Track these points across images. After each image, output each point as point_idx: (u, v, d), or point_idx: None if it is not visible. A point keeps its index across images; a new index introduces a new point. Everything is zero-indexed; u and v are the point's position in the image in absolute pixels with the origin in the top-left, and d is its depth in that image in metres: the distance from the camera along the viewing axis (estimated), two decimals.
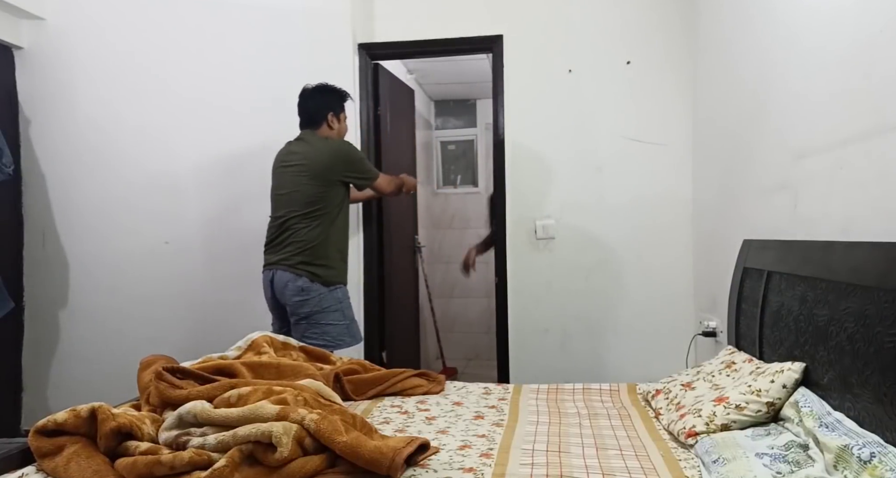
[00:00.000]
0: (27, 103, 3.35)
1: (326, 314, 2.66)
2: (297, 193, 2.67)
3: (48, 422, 1.48)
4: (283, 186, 2.74)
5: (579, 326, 3.26)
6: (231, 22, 3.26)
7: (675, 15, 3.15)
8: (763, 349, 2.01)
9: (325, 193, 2.67)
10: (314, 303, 2.64)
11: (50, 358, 3.37)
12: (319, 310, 2.65)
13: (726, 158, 2.69)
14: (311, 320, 2.66)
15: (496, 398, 2.21)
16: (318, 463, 1.41)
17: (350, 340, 2.74)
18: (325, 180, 2.67)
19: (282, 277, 2.66)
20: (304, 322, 2.66)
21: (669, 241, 3.19)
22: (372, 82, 3.44)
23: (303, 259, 2.64)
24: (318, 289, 2.65)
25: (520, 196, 3.28)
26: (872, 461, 1.14)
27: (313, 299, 2.64)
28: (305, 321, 2.66)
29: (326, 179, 2.67)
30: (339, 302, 2.72)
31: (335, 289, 2.71)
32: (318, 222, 2.66)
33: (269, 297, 2.75)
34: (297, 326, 2.69)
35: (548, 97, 3.25)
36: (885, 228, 1.47)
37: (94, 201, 3.34)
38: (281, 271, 2.66)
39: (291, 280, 2.64)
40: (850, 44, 1.65)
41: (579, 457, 1.58)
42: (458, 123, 5.73)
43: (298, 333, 2.66)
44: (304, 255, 2.64)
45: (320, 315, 2.66)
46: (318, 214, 2.66)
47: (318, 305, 2.65)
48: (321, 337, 2.63)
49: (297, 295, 2.64)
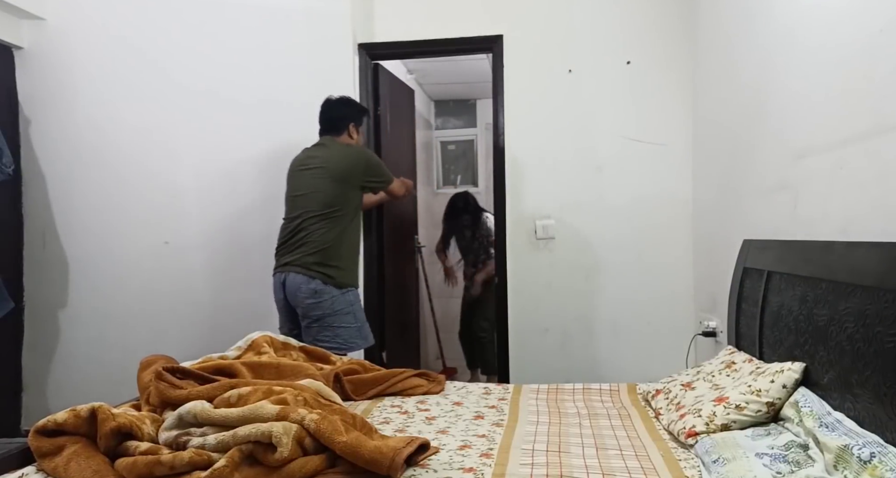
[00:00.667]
0: (27, 103, 3.35)
1: (339, 317, 2.67)
2: (315, 195, 2.70)
3: (48, 422, 1.48)
4: (301, 188, 2.76)
5: (579, 326, 3.26)
6: (231, 22, 3.26)
7: (675, 15, 3.15)
8: (763, 349, 2.01)
9: (344, 196, 2.71)
10: (327, 306, 2.65)
11: (50, 358, 3.37)
12: (332, 312, 2.65)
13: (726, 158, 2.69)
14: (323, 323, 2.66)
15: (496, 398, 2.21)
16: (318, 463, 1.41)
17: (362, 343, 2.75)
18: (344, 183, 2.72)
19: (294, 280, 2.66)
20: (317, 325, 2.66)
21: (669, 241, 3.19)
22: (372, 82, 3.44)
23: (316, 260, 2.65)
24: (330, 291, 2.65)
25: (520, 196, 3.28)
26: (872, 461, 1.14)
27: (326, 302, 2.65)
28: (318, 324, 2.66)
29: (346, 182, 2.72)
30: (351, 305, 2.72)
31: (347, 292, 2.72)
32: (335, 224, 2.68)
33: (281, 299, 2.75)
34: (308, 329, 2.69)
35: (548, 97, 3.25)
36: (885, 228, 1.47)
37: (94, 201, 3.34)
38: (294, 274, 2.66)
39: (305, 283, 2.64)
40: (850, 44, 1.65)
41: (579, 457, 1.58)
42: (458, 123, 5.73)
43: (310, 336, 2.66)
44: (318, 255, 2.65)
45: (332, 318, 2.66)
46: (336, 215, 2.69)
47: (331, 307, 2.65)
48: (333, 340, 2.64)
49: (311, 297, 2.64)
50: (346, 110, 2.86)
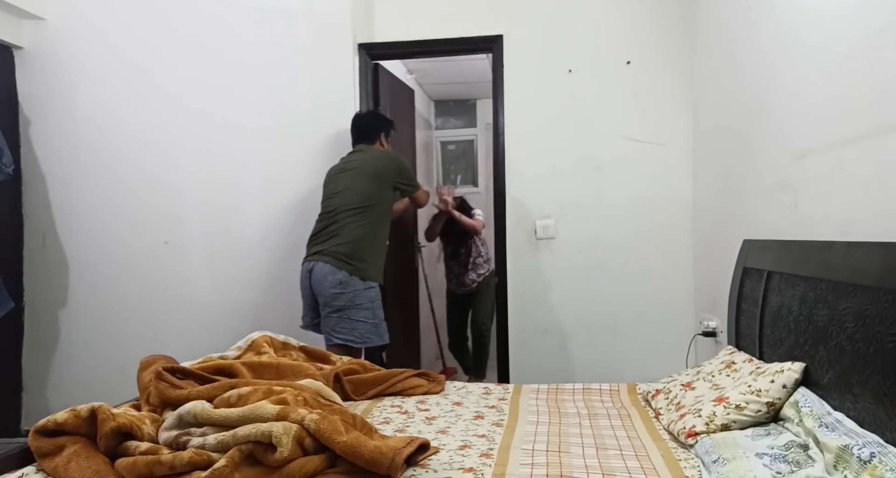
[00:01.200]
0: (27, 103, 3.35)
1: (358, 311, 2.70)
2: (352, 191, 2.78)
3: (48, 422, 1.48)
4: (338, 187, 2.84)
5: (579, 327, 3.26)
6: (231, 22, 3.26)
7: (675, 15, 3.15)
8: (763, 349, 2.01)
9: (379, 192, 2.81)
10: (349, 297, 2.68)
11: (50, 358, 3.37)
12: (352, 305, 2.69)
13: (726, 158, 2.69)
14: (342, 314, 2.69)
15: (496, 398, 2.21)
16: (318, 463, 1.41)
17: (377, 340, 2.77)
18: (380, 180, 2.82)
19: (321, 269, 2.70)
20: (336, 316, 2.69)
21: (669, 241, 3.19)
22: (372, 82, 3.44)
23: (346, 251, 2.70)
24: (354, 284, 2.69)
25: (520, 196, 3.29)
26: (872, 461, 1.14)
27: (348, 294, 2.68)
28: (337, 315, 2.69)
29: (381, 180, 2.83)
30: (372, 301, 2.75)
31: (370, 288, 2.75)
32: (368, 219, 2.75)
33: (307, 287, 2.79)
34: (327, 319, 2.72)
35: (548, 97, 3.25)
36: (885, 228, 1.47)
37: (94, 201, 3.34)
38: (322, 264, 2.71)
39: (331, 273, 2.68)
40: (850, 44, 1.65)
41: (579, 457, 1.58)
42: (458, 123, 5.73)
43: (328, 327, 2.71)
44: (348, 246, 2.70)
45: (352, 311, 2.69)
46: (370, 210, 2.76)
47: (352, 300, 2.69)
48: (350, 332, 2.67)
49: (335, 287, 2.68)
50: (377, 122, 3.06)
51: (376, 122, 3.06)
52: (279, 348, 2.29)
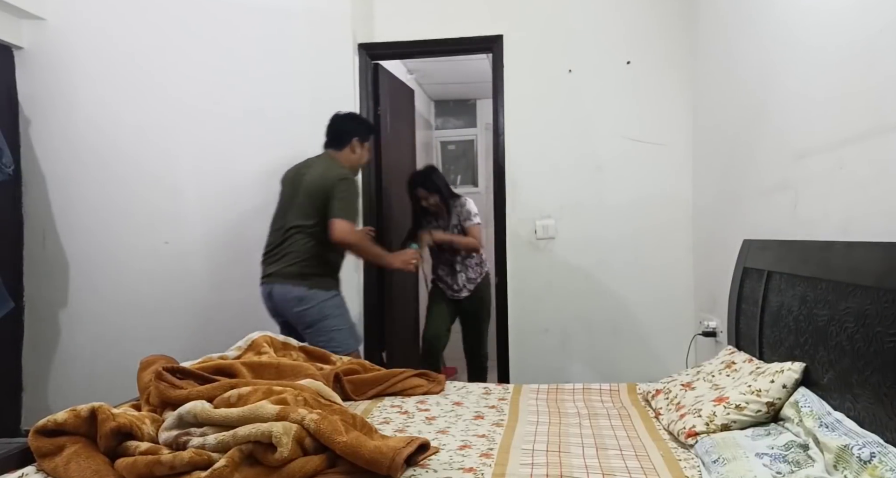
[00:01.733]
0: (27, 103, 3.35)
1: (330, 320, 2.69)
2: (300, 208, 2.71)
3: (48, 422, 1.48)
4: (286, 198, 2.79)
5: (579, 327, 3.26)
6: (231, 22, 3.26)
7: (675, 15, 3.15)
8: (763, 349, 2.01)
9: (318, 211, 2.67)
10: (316, 312, 2.66)
11: (50, 358, 3.37)
12: (322, 318, 2.67)
13: (726, 158, 2.69)
14: (316, 329, 2.67)
15: (496, 398, 2.21)
16: (318, 463, 1.41)
17: (355, 344, 2.79)
18: (319, 200, 2.66)
19: (280, 291, 2.68)
20: (310, 331, 2.68)
21: (669, 241, 3.19)
22: (372, 82, 3.44)
23: (298, 271, 2.66)
24: (316, 296, 2.66)
25: (520, 196, 3.29)
26: (872, 461, 1.14)
27: (315, 308, 2.66)
28: (311, 330, 2.68)
29: (320, 200, 2.65)
30: (338, 308, 2.75)
31: (334, 296, 2.73)
32: (318, 238, 2.67)
33: (270, 308, 2.77)
34: (305, 335, 2.70)
35: (548, 97, 3.25)
36: (885, 228, 1.47)
37: (94, 201, 3.34)
38: (279, 285, 2.68)
39: (289, 291, 2.66)
40: (850, 44, 1.65)
41: (579, 457, 1.58)
42: (458, 123, 5.73)
43: (308, 342, 2.65)
44: (301, 265, 2.67)
45: (324, 322, 2.68)
46: (314, 228, 2.67)
47: (320, 312, 2.67)
48: (328, 344, 2.64)
49: (297, 305, 2.65)
50: (351, 125, 2.86)
51: (352, 125, 2.86)
52: (279, 348, 2.28)
